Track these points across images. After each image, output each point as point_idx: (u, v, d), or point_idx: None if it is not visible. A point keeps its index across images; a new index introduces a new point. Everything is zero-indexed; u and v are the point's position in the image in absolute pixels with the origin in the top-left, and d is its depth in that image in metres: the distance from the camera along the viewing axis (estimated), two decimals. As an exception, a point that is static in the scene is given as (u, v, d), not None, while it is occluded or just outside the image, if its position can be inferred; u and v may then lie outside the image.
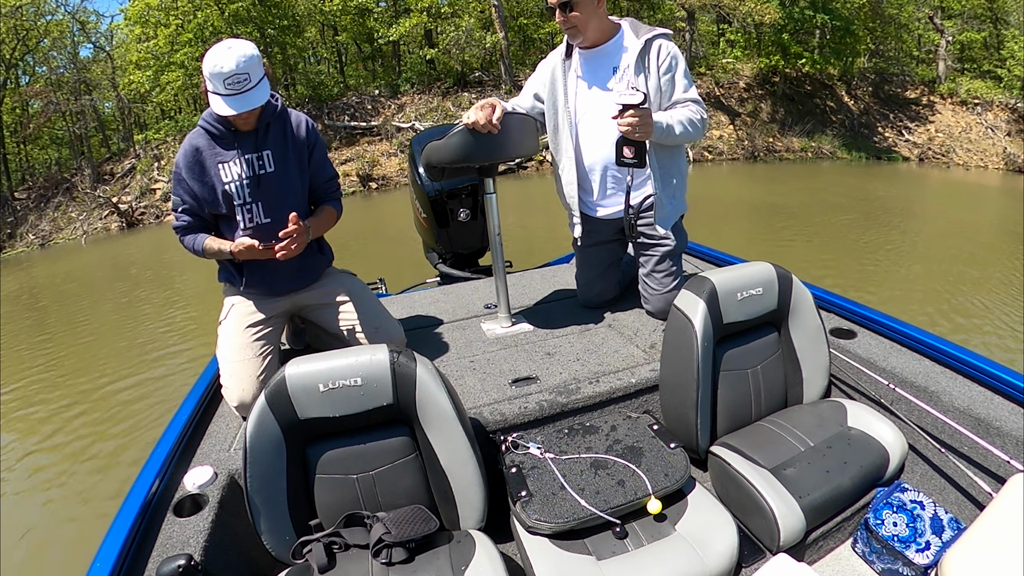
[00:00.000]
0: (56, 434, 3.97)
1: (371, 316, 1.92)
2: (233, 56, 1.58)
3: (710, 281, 1.57)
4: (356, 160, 14.31)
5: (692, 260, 2.65)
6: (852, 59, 17.24)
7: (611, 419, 1.60)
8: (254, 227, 1.78)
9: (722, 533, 1.25)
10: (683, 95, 1.92)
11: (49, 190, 15.26)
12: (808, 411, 1.65)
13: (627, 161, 1.78)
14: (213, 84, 1.60)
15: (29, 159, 18.94)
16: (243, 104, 1.61)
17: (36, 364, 5.38)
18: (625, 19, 1.99)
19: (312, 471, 1.32)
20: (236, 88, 1.59)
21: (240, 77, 1.58)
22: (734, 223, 8.75)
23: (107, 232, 13.38)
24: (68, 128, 17.53)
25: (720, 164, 15.02)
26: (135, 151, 15.95)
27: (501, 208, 2.11)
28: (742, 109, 16.75)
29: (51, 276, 9.99)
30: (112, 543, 1.17)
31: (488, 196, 2.06)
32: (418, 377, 1.28)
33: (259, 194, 1.77)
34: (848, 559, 1.45)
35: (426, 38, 17.19)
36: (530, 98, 2.07)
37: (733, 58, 18.27)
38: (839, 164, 14.93)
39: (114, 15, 27.29)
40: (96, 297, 7.97)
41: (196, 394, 1.76)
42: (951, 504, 1.45)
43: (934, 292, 5.36)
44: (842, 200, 9.95)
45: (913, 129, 16.91)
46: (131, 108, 18.01)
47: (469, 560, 1.20)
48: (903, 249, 6.93)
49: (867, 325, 1.87)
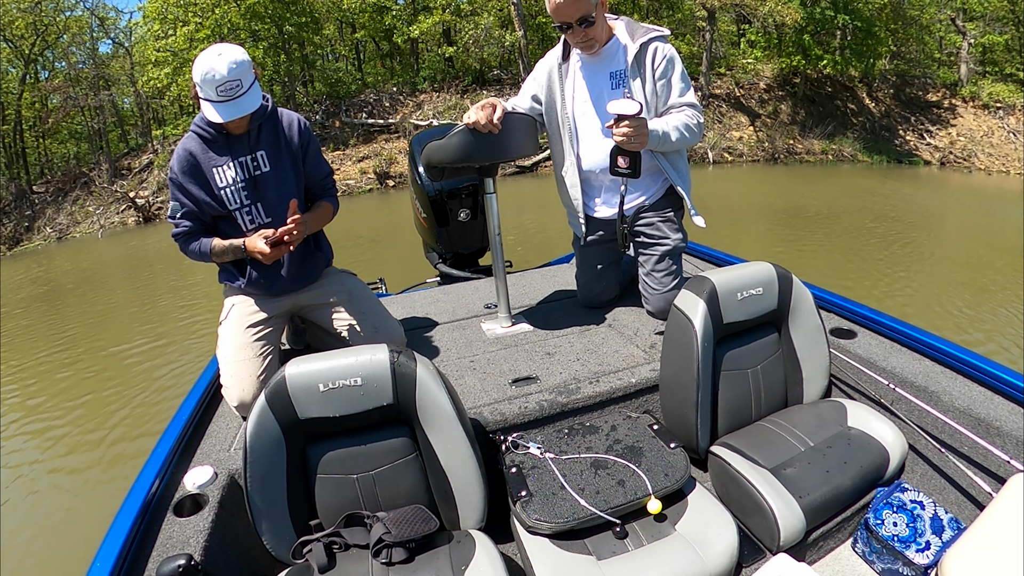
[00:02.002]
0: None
1: (371, 316, 1.92)
2: (224, 62, 1.57)
3: (710, 281, 1.57)
4: (373, 158, 14.32)
5: (692, 260, 2.65)
6: (873, 61, 16.92)
7: (611, 419, 1.60)
8: (255, 228, 1.78)
9: (722, 533, 1.25)
10: (679, 99, 1.90)
11: (67, 184, 15.46)
12: (808, 411, 1.65)
13: (621, 171, 1.76)
14: (205, 91, 1.60)
15: (48, 153, 19.15)
16: (236, 110, 1.62)
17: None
18: (621, 19, 1.96)
19: (312, 471, 1.32)
20: (229, 94, 1.59)
21: (232, 83, 1.58)
22: (753, 227, 8.45)
23: (124, 226, 13.55)
24: (86, 123, 17.76)
25: (740, 166, 14.84)
26: (153, 146, 16.11)
27: (501, 208, 2.11)
28: (762, 110, 16.59)
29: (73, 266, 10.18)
30: (112, 543, 1.17)
31: (488, 196, 2.06)
32: (418, 377, 1.28)
33: (257, 195, 1.77)
34: (848, 559, 1.45)
35: (445, 36, 17.19)
36: (528, 99, 2.07)
37: (753, 58, 18.03)
38: (859, 167, 14.64)
39: (132, 12, 27.60)
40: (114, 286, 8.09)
41: (196, 394, 1.76)
42: (951, 504, 1.45)
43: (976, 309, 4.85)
44: (865, 204, 9.52)
45: (934, 132, 16.62)
46: (149, 104, 18.14)
47: (469, 560, 1.20)
48: (933, 258, 6.52)
49: (867, 325, 1.87)
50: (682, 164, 2.04)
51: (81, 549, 1.42)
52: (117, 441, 3.74)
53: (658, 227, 2.06)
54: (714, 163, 14.77)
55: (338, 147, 14.91)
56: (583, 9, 1.78)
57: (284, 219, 1.72)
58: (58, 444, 3.82)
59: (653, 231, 2.06)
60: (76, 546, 2.69)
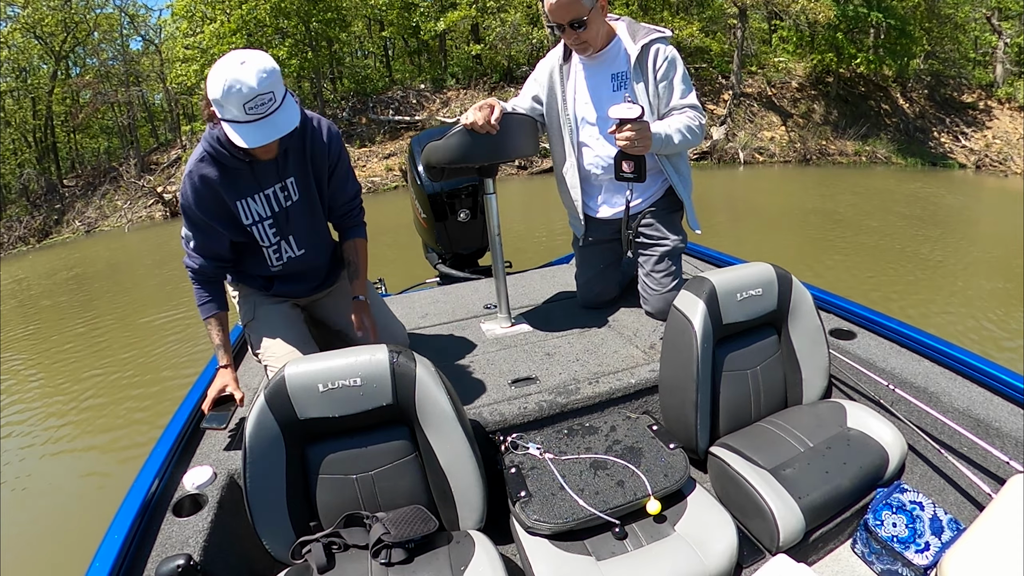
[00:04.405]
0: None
1: (376, 316, 1.91)
2: (252, 72, 1.27)
3: (710, 282, 1.57)
4: (399, 155, 14.37)
5: (692, 261, 2.65)
6: (907, 60, 16.46)
7: (611, 419, 1.60)
8: (285, 263, 1.62)
9: (721, 534, 1.25)
10: (680, 101, 1.89)
11: (96, 178, 15.76)
12: (808, 412, 1.65)
13: (626, 175, 1.74)
14: (228, 110, 1.30)
15: (79, 148, 19.42)
16: (271, 132, 1.33)
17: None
18: (622, 19, 1.96)
19: (311, 471, 1.32)
20: (260, 112, 1.30)
21: (264, 98, 1.29)
22: (783, 233, 7.94)
23: (151, 220, 13.77)
24: (116, 119, 18.07)
25: (771, 166, 14.52)
26: (181, 142, 16.35)
27: (500, 208, 2.11)
28: (795, 110, 16.27)
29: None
30: (111, 543, 1.17)
31: (488, 196, 2.06)
32: (418, 377, 1.28)
33: (288, 229, 1.56)
34: (848, 560, 1.45)
35: (472, 33, 17.20)
36: (529, 100, 2.06)
37: (785, 56, 17.62)
38: (893, 170, 14.16)
39: (162, 9, 28.01)
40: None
41: (195, 394, 1.76)
42: (950, 505, 1.45)
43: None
44: (903, 209, 8.97)
45: (970, 135, 16.10)
46: (178, 100, 18.35)
47: (468, 560, 1.20)
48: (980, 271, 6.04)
49: (866, 326, 1.87)
50: (684, 167, 2.03)
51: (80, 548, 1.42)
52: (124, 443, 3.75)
53: (658, 228, 2.05)
54: (745, 163, 14.48)
55: (364, 144, 15.00)
56: (575, 12, 1.77)
57: (317, 249, 1.58)
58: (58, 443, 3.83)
59: (653, 231, 2.06)
60: (75, 546, 2.69)
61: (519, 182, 13.60)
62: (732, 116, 15.60)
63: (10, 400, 4.60)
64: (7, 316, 7.26)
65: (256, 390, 1.83)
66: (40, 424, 4.12)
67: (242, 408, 1.56)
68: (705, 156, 14.70)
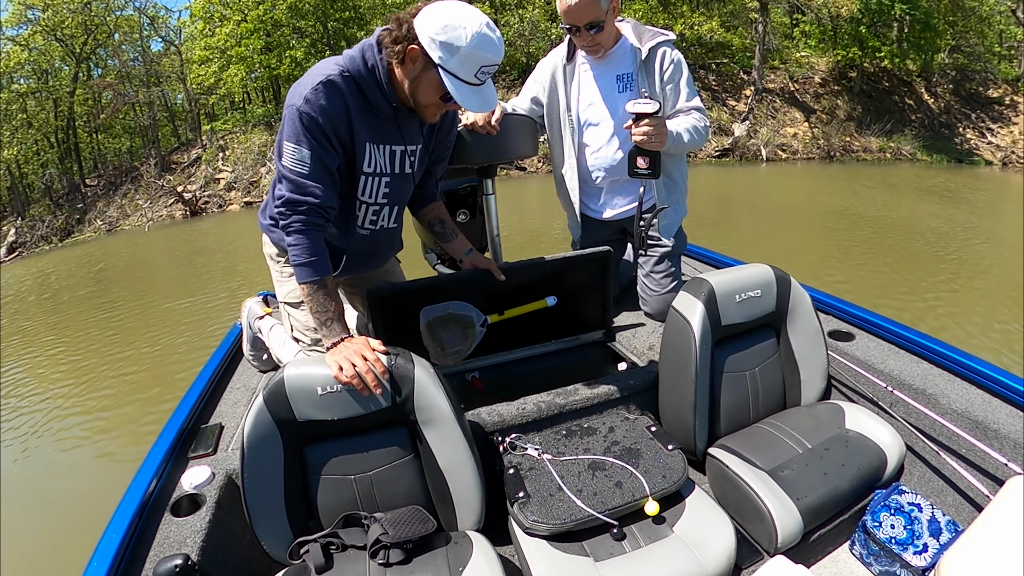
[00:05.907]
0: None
1: None
2: (498, 41, 1.21)
3: (708, 283, 1.57)
4: None
5: (691, 262, 2.65)
6: (932, 54, 16.12)
7: (609, 420, 1.60)
8: (375, 231, 1.48)
9: (720, 535, 1.25)
10: (686, 103, 1.90)
11: (118, 178, 15.92)
12: (806, 413, 1.65)
13: (641, 172, 1.72)
14: (463, 66, 1.19)
15: (101, 148, 19.59)
16: (487, 102, 1.26)
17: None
18: (627, 21, 1.96)
19: (310, 472, 1.31)
20: (482, 80, 1.23)
21: (493, 69, 1.24)
22: (805, 235, 7.38)
23: (172, 219, 13.90)
24: (137, 119, 18.31)
25: (794, 163, 14.25)
26: (202, 142, 16.49)
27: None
28: (818, 106, 15.97)
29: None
30: (109, 542, 1.17)
31: (487, 197, 2.06)
32: (416, 379, 1.28)
33: (395, 197, 1.45)
34: (846, 561, 1.45)
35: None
36: (528, 100, 2.06)
37: (807, 50, 17.26)
38: (918, 167, 13.75)
39: (181, 11, 28.33)
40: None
41: (194, 394, 1.76)
42: (949, 506, 1.45)
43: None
44: (934, 209, 8.38)
45: (996, 131, 15.76)
46: (198, 100, 18.53)
47: (466, 561, 1.20)
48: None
49: (865, 327, 1.87)
50: (676, 172, 2.03)
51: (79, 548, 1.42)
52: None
53: (658, 228, 2.06)
54: (767, 160, 14.27)
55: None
56: (593, 14, 1.77)
57: (400, 227, 1.46)
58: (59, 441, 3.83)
59: (652, 232, 2.06)
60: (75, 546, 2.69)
61: (538, 179, 13.53)
62: (754, 112, 15.41)
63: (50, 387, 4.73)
64: (33, 308, 7.64)
65: (255, 390, 1.83)
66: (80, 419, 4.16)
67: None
68: (727, 153, 14.48)
